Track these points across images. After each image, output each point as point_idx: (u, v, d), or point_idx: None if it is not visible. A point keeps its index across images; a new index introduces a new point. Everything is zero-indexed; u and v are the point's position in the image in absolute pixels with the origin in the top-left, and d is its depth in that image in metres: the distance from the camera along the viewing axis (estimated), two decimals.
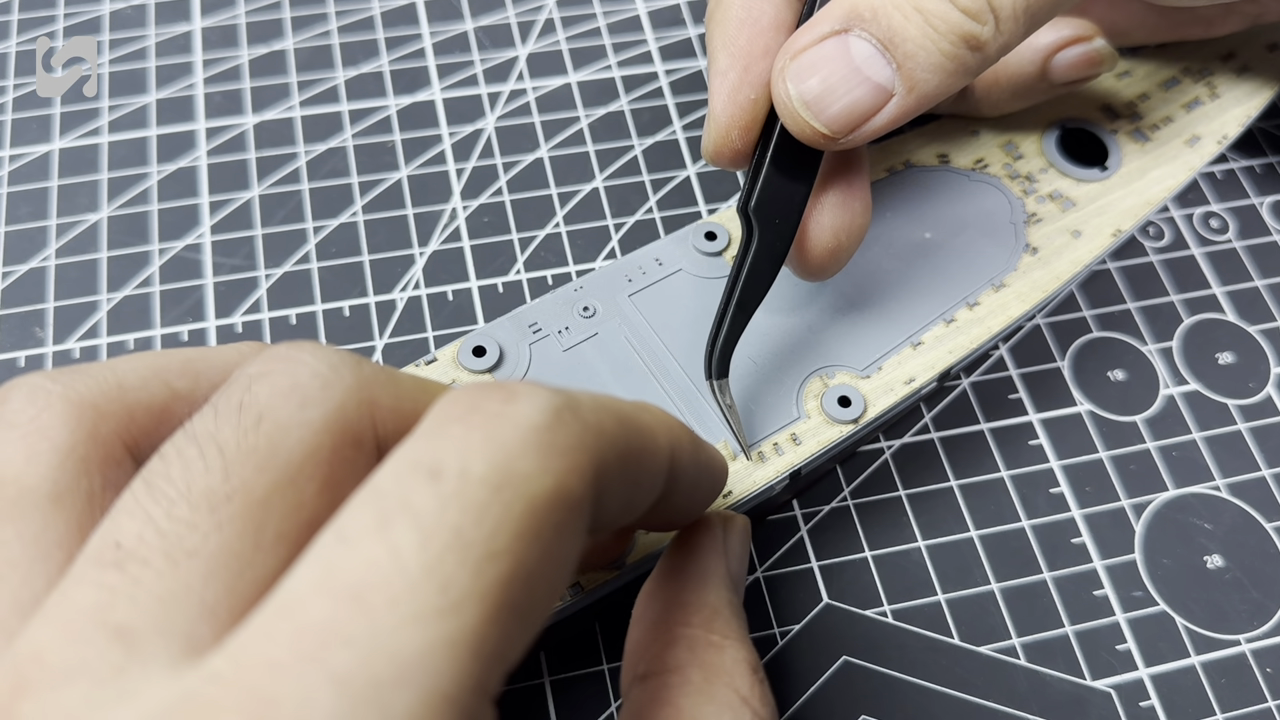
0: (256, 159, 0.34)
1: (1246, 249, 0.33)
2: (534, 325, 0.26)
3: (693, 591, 0.20)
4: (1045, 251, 0.29)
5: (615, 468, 0.15)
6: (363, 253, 0.32)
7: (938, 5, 0.21)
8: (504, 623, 0.13)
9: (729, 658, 0.18)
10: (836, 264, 0.25)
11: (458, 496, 0.13)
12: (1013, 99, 0.30)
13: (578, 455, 0.14)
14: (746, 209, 0.23)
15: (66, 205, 0.32)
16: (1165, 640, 0.26)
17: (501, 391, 0.14)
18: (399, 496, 0.13)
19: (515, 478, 0.13)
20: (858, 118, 0.22)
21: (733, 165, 0.24)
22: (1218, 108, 0.32)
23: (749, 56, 0.23)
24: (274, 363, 0.15)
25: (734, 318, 0.24)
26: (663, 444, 0.17)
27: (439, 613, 0.12)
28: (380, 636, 0.12)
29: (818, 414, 0.25)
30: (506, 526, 0.13)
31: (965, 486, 0.28)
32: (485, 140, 0.34)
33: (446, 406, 0.14)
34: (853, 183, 0.24)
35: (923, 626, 0.26)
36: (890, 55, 0.21)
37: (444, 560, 0.12)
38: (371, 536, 0.12)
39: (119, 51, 0.36)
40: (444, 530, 0.12)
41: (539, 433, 0.14)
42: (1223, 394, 0.30)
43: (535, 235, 0.32)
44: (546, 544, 0.13)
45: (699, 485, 0.19)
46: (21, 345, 0.30)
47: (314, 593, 0.12)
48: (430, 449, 0.13)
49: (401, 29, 0.37)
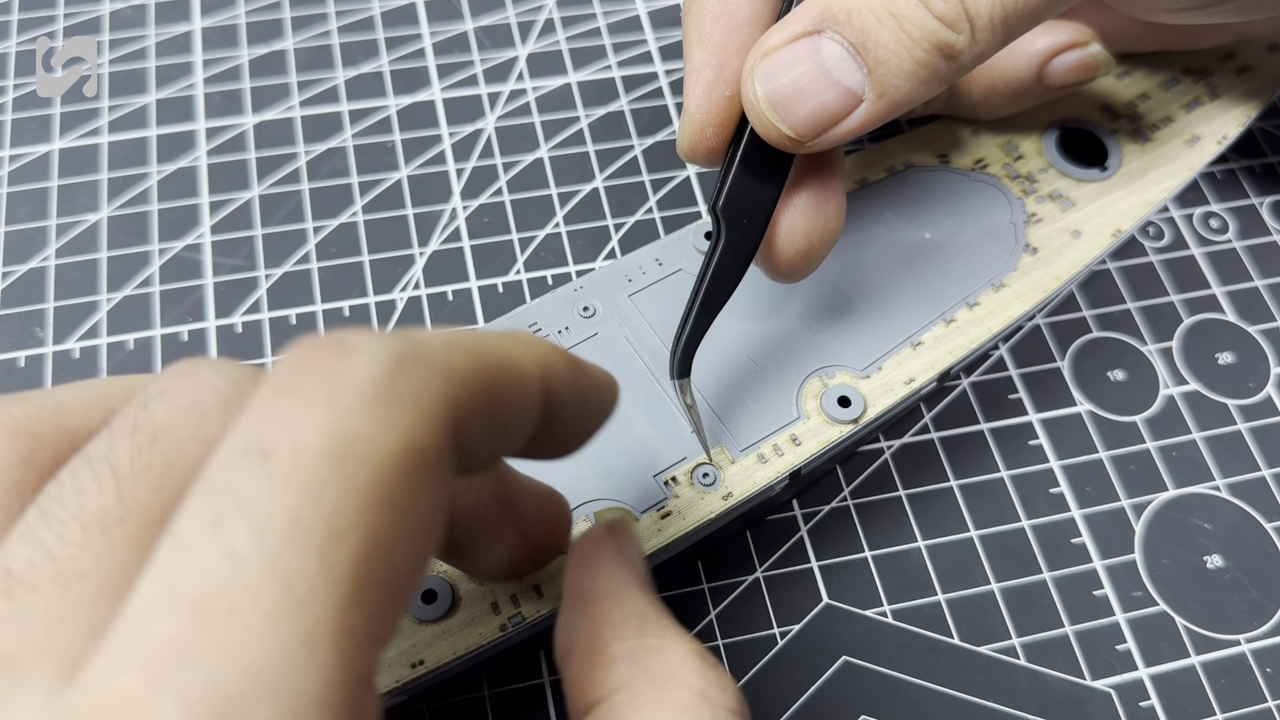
0: (256, 159, 0.34)
1: (1246, 249, 0.33)
2: (534, 325, 0.26)
3: (611, 606, 0.18)
4: (1045, 251, 0.29)
5: (475, 406, 0.14)
6: (363, 253, 0.32)
7: (913, 11, 0.20)
8: (366, 603, 0.12)
9: (673, 657, 0.17)
10: (808, 267, 0.24)
11: (292, 477, 0.12)
12: (1009, 103, 0.30)
13: (426, 402, 0.13)
14: (715, 207, 0.23)
15: (66, 205, 0.32)
16: (1165, 640, 0.26)
17: (334, 346, 0.13)
18: (229, 488, 0.12)
19: (355, 443, 0.12)
20: (825, 121, 0.21)
21: (708, 163, 0.24)
22: (1218, 108, 0.32)
23: (724, 53, 0.23)
24: (173, 380, 0.14)
25: (698, 318, 0.23)
26: (532, 372, 0.16)
27: (287, 612, 0.11)
28: (228, 649, 0.11)
29: (817, 414, 0.25)
30: (351, 500, 0.12)
31: (965, 486, 0.28)
32: (485, 140, 0.34)
33: (279, 373, 0.13)
34: (827, 185, 0.24)
35: (923, 626, 0.26)
36: (862, 59, 0.21)
37: (284, 552, 0.11)
38: (205, 538, 0.11)
39: (119, 51, 0.36)
40: (281, 519, 0.11)
41: (377, 386, 0.13)
42: (1223, 394, 0.30)
43: (535, 235, 0.32)
44: (402, 507, 0.12)
45: (584, 409, 0.18)
46: (21, 345, 0.30)
47: (156, 610, 0.11)
48: (259, 427, 0.12)
49: (401, 29, 0.37)
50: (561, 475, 0.24)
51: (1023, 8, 0.21)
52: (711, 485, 0.24)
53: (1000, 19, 0.21)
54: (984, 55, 0.21)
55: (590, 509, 0.24)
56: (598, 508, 0.24)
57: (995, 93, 0.29)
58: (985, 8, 0.20)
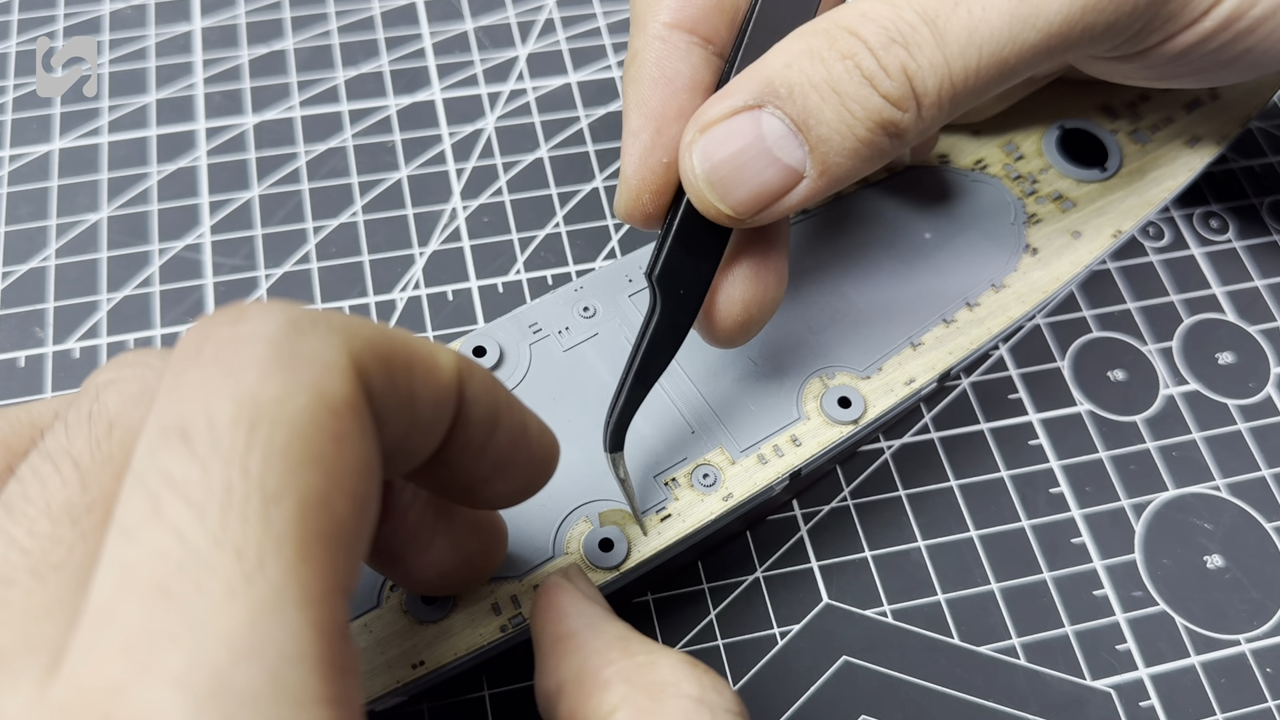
0: (256, 159, 0.34)
1: (1246, 249, 0.33)
2: (534, 325, 0.26)
3: (592, 637, 0.19)
4: (1045, 252, 0.29)
5: (380, 369, 0.14)
6: (363, 253, 0.32)
7: (857, 89, 0.20)
8: (319, 557, 0.12)
9: (664, 669, 0.18)
10: (745, 336, 0.24)
11: (214, 452, 0.12)
12: (998, 100, 0.30)
13: (329, 354, 0.13)
14: (651, 276, 0.22)
15: (66, 205, 0.32)
16: (1165, 640, 0.26)
17: (229, 315, 0.13)
18: (160, 471, 0.12)
19: (267, 407, 0.12)
20: (765, 199, 0.20)
21: (645, 227, 0.23)
22: (1218, 108, 0.32)
23: (662, 119, 0.22)
24: (121, 369, 0.15)
25: (632, 389, 0.22)
26: (445, 362, 0.16)
27: (245, 579, 0.11)
28: (200, 624, 0.11)
29: (817, 415, 0.25)
30: (275, 463, 0.12)
31: (965, 486, 0.28)
32: (485, 140, 0.34)
33: (179, 350, 0.13)
34: (767, 254, 0.23)
35: (923, 626, 0.26)
36: (803, 137, 0.20)
37: (227, 525, 0.12)
38: (150, 524, 0.12)
39: (119, 51, 0.36)
40: (214, 494, 0.12)
41: (277, 346, 0.13)
42: (1223, 394, 0.30)
43: (535, 235, 0.32)
44: (330, 460, 0.13)
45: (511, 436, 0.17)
46: (21, 345, 0.30)
47: (121, 596, 0.12)
48: (174, 407, 0.13)
49: (401, 29, 0.37)
50: (562, 476, 0.24)
51: (971, 85, 0.20)
52: (712, 486, 0.24)
53: (949, 97, 0.20)
54: (927, 131, 0.21)
55: (591, 509, 0.24)
56: (599, 509, 0.24)
57: None
58: (933, 86, 0.20)
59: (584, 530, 0.23)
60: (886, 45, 0.20)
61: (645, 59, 0.22)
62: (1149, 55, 0.23)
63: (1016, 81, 0.21)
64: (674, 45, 0.22)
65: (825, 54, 0.20)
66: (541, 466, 0.19)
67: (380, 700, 0.21)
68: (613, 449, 0.23)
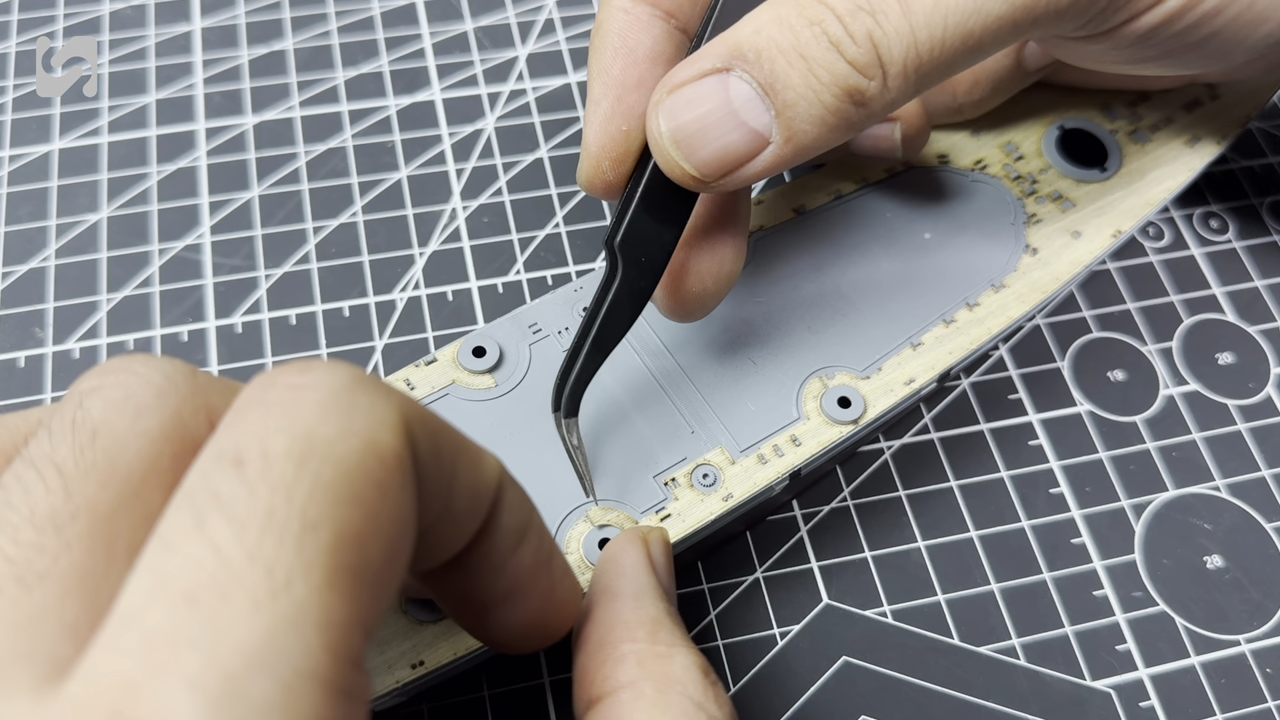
0: (256, 159, 0.34)
1: (1246, 249, 0.33)
2: (534, 325, 0.26)
3: (630, 608, 0.19)
4: (1045, 252, 0.29)
5: (428, 443, 0.15)
6: (363, 253, 0.32)
7: (824, 55, 0.20)
8: (344, 588, 0.13)
9: (678, 665, 0.18)
10: (702, 309, 0.24)
11: (263, 477, 0.13)
12: (994, 94, 0.30)
13: (384, 411, 0.14)
14: (611, 243, 0.22)
15: (66, 205, 0.32)
16: (1165, 640, 0.26)
17: (297, 365, 0.14)
18: (208, 491, 0.13)
19: (319, 445, 0.13)
20: (730, 163, 0.21)
21: (606, 196, 0.23)
22: (1218, 108, 0.32)
23: (622, 87, 0.22)
24: (106, 376, 0.15)
25: (589, 355, 0.22)
26: (489, 462, 0.16)
27: (271, 595, 0.12)
28: (221, 631, 0.12)
29: (817, 415, 0.25)
30: (319, 495, 0.13)
31: (965, 487, 0.28)
32: (485, 140, 0.34)
33: (245, 393, 0.14)
34: (728, 228, 0.23)
35: (923, 626, 0.26)
36: (770, 101, 0.20)
37: (263, 544, 0.12)
38: (191, 537, 0.12)
39: (119, 51, 0.36)
40: (257, 514, 0.12)
41: (337, 395, 0.14)
42: (1223, 394, 0.30)
43: (535, 235, 0.32)
44: (369, 503, 0.13)
45: (535, 559, 0.18)
46: (21, 345, 0.30)
47: (150, 602, 0.12)
48: (231, 438, 0.13)
49: (401, 29, 0.37)
50: (562, 475, 0.24)
51: (937, 58, 0.20)
52: (711, 486, 0.24)
53: (914, 67, 0.20)
54: (895, 104, 0.21)
55: (591, 509, 0.24)
56: (599, 509, 0.24)
57: (979, 86, 0.29)
58: (899, 54, 0.20)
59: (584, 530, 0.23)
60: (853, 12, 0.20)
61: (608, 30, 0.23)
62: (1116, 35, 0.23)
63: (985, 58, 0.21)
64: (636, 17, 0.23)
65: (793, 20, 0.20)
66: (558, 607, 0.19)
67: (380, 700, 0.21)
68: (568, 414, 0.23)
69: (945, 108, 0.30)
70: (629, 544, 0.21)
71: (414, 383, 0.25)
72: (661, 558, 0.21)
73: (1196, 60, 0.24)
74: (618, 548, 0.21)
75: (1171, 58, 0.24)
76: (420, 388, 0.25)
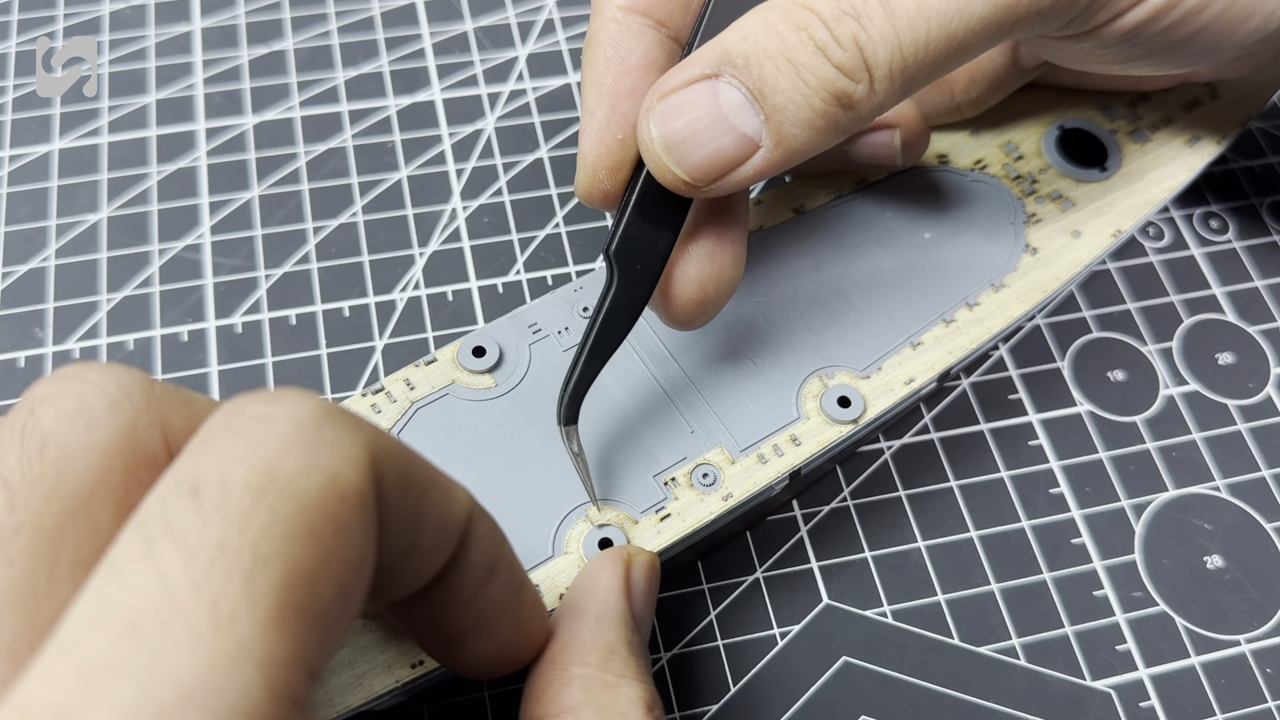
0: (256, 159, 0.34)
1: (1246, 249, 0.33)
2: (534, 325, 0.26)
3: (590, 631, 0.19)
4: (1045, 252, 0.29)
5: (395, 480, 0.14)
6: (363, 253, 0.32)
7: (811, 59, 0.20)
8: (290, 627, 0.12)
9: (623, 697, 0.18)
10: (702, 316, 0.24)
11: (218, 508, 0.12)
12: (991, 92, 0.30)
13: (349, 448, 0.13)
14: (608, 252, 0.22)
15: (66, 205, 0.32)
16: (1165, 640, 0.26)
17: (266, 395, 0.14)
18: (162, 519, 0.12)
19: (279, 478, 0.13)
20: (721, 167, 0.21)
21: (604, 206, 0.23)
22: (1217, 107, 0.32)
23: (615, 96, 0.22)
24: (60, 384, 0.14)
25: (587, 363, 0.23)
26: (459, 496, 0.16)
27: (214, 629, 0.12)
28: (159, 664, 0.11)
29: (817, 414, 0.25)
30: (274, 530, 0.12)
31: (965, 487, 0.28)
32: (485, 140, 0.34)
33: (212, 419, 0.14)
34: (725, 233, 0.23)
35: (923, 626, 0.26)
36: (759, 106, 0.20)
37: (210, 576, 0.12)
38: (139, 564, 0.12)
39: (119, 51, 0.36)
40: (208, 545, 0.12)
41: (304, 428, 0.13)
42: (1223, 394, 0.30)
43: (535, 235, 0.32)
44: (324, 541, 0.13)
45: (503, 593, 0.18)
46: (21, 345, 0.30)
47: (90, 629, 0.12)
48: (192, 465, 0.13)
49: (401, 29, 0.37)
50: (561, 475, 0.24)
51: (922, 60, 0.20)
52: (711, 486, 0.24)
53: (900, 70, 0.20)
54: (882, 107, 0.21)
55: (591, 509, 0.24)
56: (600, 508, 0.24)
57: (976, 85, 0.29)
58: (884, 58, 0.20)
59: (584, 530, 0.23)
60: (838, 17, 0.20)
61: (600, 40, 0.23)
62: (1100, 35, 0.23)
63: (969, 59, 0.22)
64: (628, 27, 0.23)
65: (780, 26, 0.20)
66: (525, 638, 0.19)
67: (380, 700, 0.21)
68: (566, 422, 0.23)
69: (943, 107, 0.30)
70: (608, 564, 0.21)
71: (414, 382, 0.25)
72: (642, 582, 0.21)
73: (1184, 58, 0.24)
74: (597, 566, 0.21)
75: (1158, 56, 0.24)
76: (420, 388, 0.25)
